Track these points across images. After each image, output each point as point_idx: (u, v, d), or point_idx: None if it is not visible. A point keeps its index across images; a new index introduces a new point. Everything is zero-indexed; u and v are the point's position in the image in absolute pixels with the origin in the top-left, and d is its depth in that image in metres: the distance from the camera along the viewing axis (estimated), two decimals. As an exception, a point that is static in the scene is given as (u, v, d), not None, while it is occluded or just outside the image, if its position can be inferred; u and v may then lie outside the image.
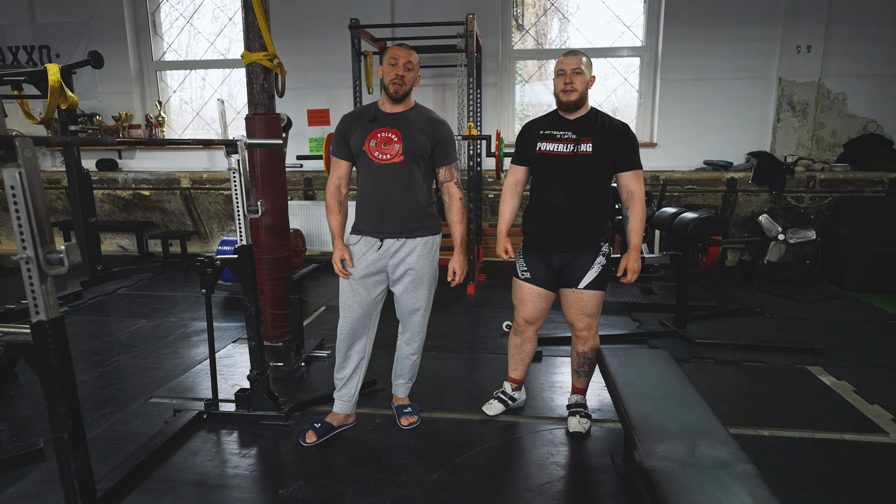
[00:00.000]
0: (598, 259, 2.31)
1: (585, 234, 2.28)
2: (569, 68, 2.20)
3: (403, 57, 2.17)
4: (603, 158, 2.23)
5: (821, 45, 5.35)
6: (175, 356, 3.38)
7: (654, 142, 5.73)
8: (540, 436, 2.43)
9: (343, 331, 2.36)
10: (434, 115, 2.32)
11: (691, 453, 1.47)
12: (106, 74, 6.16)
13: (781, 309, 4.21)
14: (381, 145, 2.20)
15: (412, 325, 2.46)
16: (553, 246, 2.31)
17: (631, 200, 2.28)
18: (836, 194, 5.23)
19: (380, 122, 2.22)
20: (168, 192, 6.03)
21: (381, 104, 2.27)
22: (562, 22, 6.00)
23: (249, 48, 3.25)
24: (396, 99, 2.20)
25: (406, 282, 2.33)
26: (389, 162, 2.19)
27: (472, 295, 4.63)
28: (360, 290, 2.31)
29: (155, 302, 4.50)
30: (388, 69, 2.18)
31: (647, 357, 2.18)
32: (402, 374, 2.57)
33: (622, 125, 2.27)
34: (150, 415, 2.66)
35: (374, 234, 2.26)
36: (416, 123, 2.23)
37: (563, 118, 2.29)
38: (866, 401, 2.72)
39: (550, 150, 2.27)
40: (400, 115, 2.23)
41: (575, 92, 2.20)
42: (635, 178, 2.27)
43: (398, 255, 2.28)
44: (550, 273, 2.37)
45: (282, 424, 2.52)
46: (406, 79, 2.18)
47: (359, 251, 2.30)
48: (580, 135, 2.24)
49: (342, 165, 2.31)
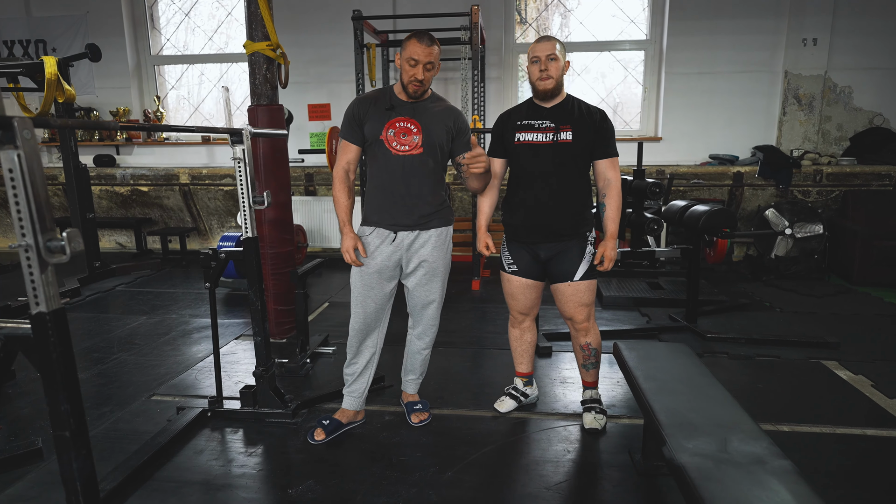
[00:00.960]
0: (588, 249, 2.28)
1: (570, 223, 2.24)
2: (543, 55, 2.15)
3: (425, 57, 2.05)
4: (583, 146, 2.19)
5: (827, 38, 5.29)
6: (176, 353, 3.31)
7: (660, 136, 5.67)
8: (554, 432, 2.37)
9: (355, 326, 2.29)
10: (449, 104, 2.26)
11: (724, 449, 1.41)
12: (103, 69, 6.07)
13: (791, 303, 4.15)
14: (400, 136, 2.13)
15: (425, 318, 2.37)
16: (539, 237, 2.27)
17: (608, 188, 2.23)
18: (842, 188, 5.18)
19: (398, 110, 2.14)
20: (167, 188, 5.94)
21: (397, 91, 2.18)
22: (563, 16, 5.93)
23: (252, 37, 3.18)
24: (415, 97, 2.15)
25: (420, 274, 2.26)
26: (408, 154, 2.13)
27: (477, 291, 4.57)
28: (374, 284, 2.24)
29: (155, 299, 4.43)
30: (408, 69, 2.07)
31: (665, 351, 2.12)
32: (413, 370, 2.49)
33: (600, 112, 2.23)
34: (153, 413, 2.59)
35: (389, 226, 2.20)
36: (436, 115, 2.16)
37: (539, 107, 2.24)
38: (886, 395, 2.66)
39: (529, 139, 2.22)
40: (418, 105, 2.16)
41: (551, 79, 2.15)
42: (611, 165, 2.23)
43: (413, 248, 2.22)
44: (537, 264, 2.33)
45: (288, 422, 2.45)
46: (426, 81, 2.10)
47: (372, 244, 2.22)
48: (559, 123, 2.19)
49: (352, 150, 2.21)
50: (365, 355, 2.33)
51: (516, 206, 2.30)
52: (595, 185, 2.32)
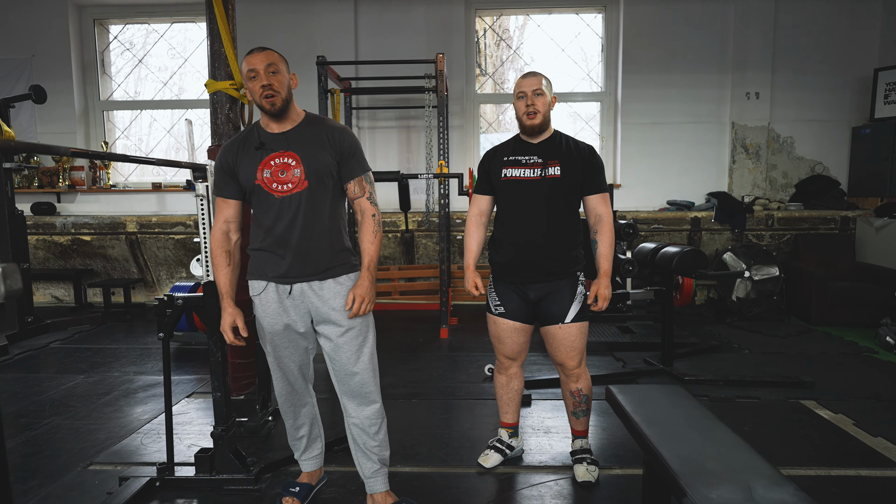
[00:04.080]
0: (579, 290, 2.19)
1: (560, 261, 2.15)
2: (529, 90, 2.12)
3: (262, 63, 1.78)
4: (572, 181, 2.14)
5: (768, 92, 5.63)
6: (118, 415, 2.97)
7: (619, 183, 5.80)
8: (546, 487, 2.19)
9: (282, 392, 2.01)
10: (332, 122, 1.95)
11: (749, 498, 1.29)
12: (47, 113, 5.78)
13: (758, 344, 4.18)
14: (278, 174, 1.81)
15: (353, 387, 1.94)
16: (528, 277, 2.17)
17: (599, 224, 2.18)
18: (793, 232, 5.39)
19: (269, 146, 1.83)
20: (112, 236, 5.58)
21: (264, 125, 1.88)
22: (519, 71, 6.10)
23: (214, 76, 3.05)
24: (276, 113, 1.82)
25: (333, 336, 1.89)
26: (293, 192, 1.82)
27: (445, 339, 4.40)
28: (281, 349, 1.94)
29: (94, 356, 4.04)
30: (252, 85, 1.80)
31: (662, 393, 2.01)
32: (369, 457, 1.99)
33: (588, 147, 2.20)
34: (89, 485, 2.26)
35: (281, 279, 1.86)
36: (314, 139, 1.85)
37: (526, 142, 2.20)
38: (869, 434, 2.64)
39: (517, 175, 2.16)
40: (292, 133, 1.85)
41: (538, 114, 2.12)
42: (603, 201, 2.19)
43: (313, 303, 1.88)
44: (526, 306, 2.21)
45: (251, 489, 2.18)
46: (276, 85, 1.79)
47: (266, 301, 1.89)
48: (547, 158, 2.14)
49: (230, 205, 1.89)
50: (306, 424, 2.08)
51: (504, 243, 2.20)
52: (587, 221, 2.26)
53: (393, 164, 5.78)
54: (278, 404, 2.06)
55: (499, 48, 6.16)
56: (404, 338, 4.35)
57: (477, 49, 5.96)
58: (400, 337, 4.38)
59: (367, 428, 1.96)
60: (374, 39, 5.64)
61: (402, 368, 3.65)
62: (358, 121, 5.72)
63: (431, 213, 5.34)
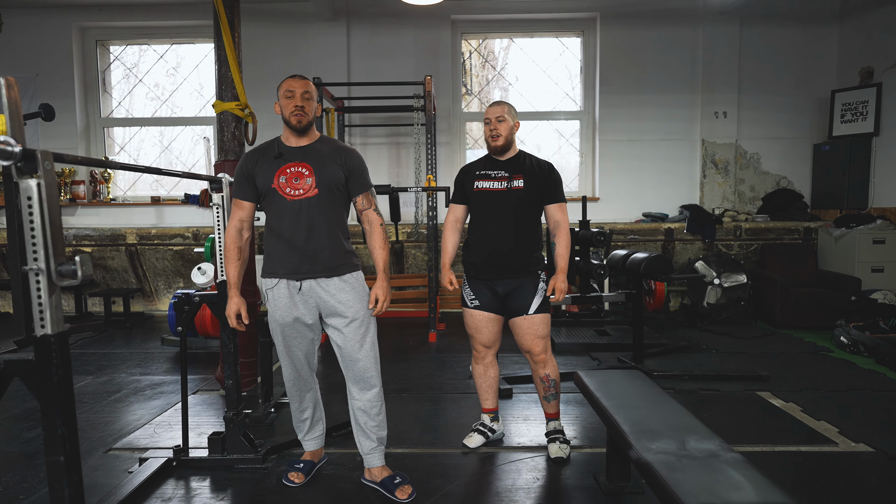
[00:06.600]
0: (540, 286, 2.50)
1: (524, 261, 2.47)
2: (493, 116, 2.48)
3: (300, 88, 2.10)
4: (533, 193, 2.48)
5: (735, 112, 6.03)
6: (130, 410, 3.20)
7: (597, 196, 6.14)
8: (523, 463, 2.46)
9: (289, 377, 2.30)
10: (341, 143, 2.24)
11: (682, 447, 1.57)
12: (50, 129, 6.02)
13: (725, 345, 4.50)
14: (293, 180, 2.08)
15: (358, 371, 2.19)
16: (496, 273, 2.48)
17: (557, 229, 2.53)
18: (760, 242, 5.75)
19: (287, 157, 2.11)
20: (112, 248, 5.80)
21: (284, 139, 2.16)
22: (504, 90, 6.46)
23: (222, 98, 3.35)
24: (300, 130, 2.11)
25: (340, 326, 2.15)
26: (303, 197, 2.08)
27: (434, 342, 4.67)
28: (290, 339, 2.19)
29: (100, 359, 4.25)
30: (286, 102, 2.10)
31: (622, 376, 2.31)
32: (368, 436, 2.24)
33: (548, 164, 2.55)
34: (111, 467, 2.49)
35: (292, 275, 2.11)
36: (327, 155, 2.13)
37: (495, 160, 2.55)
38: (813, 418, 2.94)
39: (486, 187, 2.50)
40: (308, 148, 2.14)
41: (500, 137, 2.47)
42: (560, 209, 2.54)
43: (322, 298, 2.13)
44: (496, 299, 2.53)
45: (259, 467, 2.43)
46: (307, 109, 2.09)
47: (278, 296, 2.14)
48: (512, 173, 2.49)
49: (245, 207, 2.17)
50: (309, 406, 2.36)
51: (476, 246, 2.52)
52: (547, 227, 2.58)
53: (383, 178, 6.07)
54: (286, 389, 2.33)
55: (484, 69, 6.51)
56: (396, 342, 4.61)
57: (463, 70, 6.31)
58: (391, 341, 4.64)
59: (369, 409, 2.22)
60: (366, 61, 5.97)
61: (394, 368, 3.90)
62: (350, 137, 6.02)
63: (420, 224, 5.64)
